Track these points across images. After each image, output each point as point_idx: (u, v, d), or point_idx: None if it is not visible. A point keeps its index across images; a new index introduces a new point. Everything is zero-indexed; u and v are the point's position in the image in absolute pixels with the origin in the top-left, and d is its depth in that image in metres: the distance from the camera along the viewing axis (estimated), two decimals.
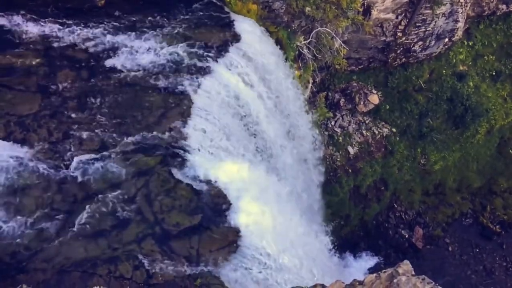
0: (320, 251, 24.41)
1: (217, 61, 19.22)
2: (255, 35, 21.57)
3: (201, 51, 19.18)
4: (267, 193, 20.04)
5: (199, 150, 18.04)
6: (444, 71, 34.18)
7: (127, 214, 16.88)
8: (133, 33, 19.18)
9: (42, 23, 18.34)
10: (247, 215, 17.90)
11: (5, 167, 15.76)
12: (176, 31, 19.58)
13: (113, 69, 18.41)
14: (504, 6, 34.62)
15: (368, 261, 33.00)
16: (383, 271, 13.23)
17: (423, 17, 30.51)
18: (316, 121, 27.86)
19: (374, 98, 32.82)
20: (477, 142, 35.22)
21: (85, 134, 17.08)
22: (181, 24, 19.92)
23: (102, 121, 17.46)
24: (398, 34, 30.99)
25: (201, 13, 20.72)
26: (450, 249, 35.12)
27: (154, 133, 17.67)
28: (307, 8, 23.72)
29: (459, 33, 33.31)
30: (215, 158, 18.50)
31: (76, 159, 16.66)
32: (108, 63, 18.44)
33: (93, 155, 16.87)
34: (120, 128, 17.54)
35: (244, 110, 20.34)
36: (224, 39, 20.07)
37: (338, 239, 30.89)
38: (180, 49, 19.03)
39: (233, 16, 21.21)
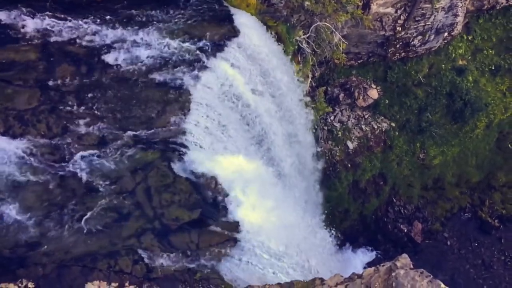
0: (319, 245, 24.48)
1: (215, 56, 19.19)
2: (254, 29, 21.52)
3: (200, 45, 19.14)
4: (267, 187, 20.08)
5: (198, 144, 18.05)
6: (443, 65, 34.12)
7: (127, 209, 16.93)
8: (132, 27, 19.12)
9: (40, 18, 18.26)
10: (246, 209, 17.95)
11: (4, 162, 15.77)
12: (175, 25, 19.52)
13: (112, 64, 18.36)
14: (503, 0, 34.51)
15: (367, 255, 33.13)
16: (382, 264, 13.33)
17: (422, 11, 30.42)
18: (314, 115, 27.85)
19: (374, 93, 32.78)
20: (476, 136, 35.22)
21: (84, 129, 17.07)
22: (180, 18, 19.86)
23: (101, 116, 17.44)
24: (398, 28, 30.92)
25: (199, 7, 20.66)
26: (448, 243, 35.24)
27: (153, 127, 17.67)
28: (307, 2, 23.67)
29: (459, 27, 33.23)
30: (214, 153, 18.51)
31: (75, 154, 16.68)
32: (107, 57, 18.39)
33: (92, 150, 16.89)
34: (119, 123, 17.54)
35: (243, 104, 20.33)
36: (222, 33, 20.02)
37: (337, 233, 30.98)
38: (179, 43, 18.97)
39: (232, 10, 21.15)
